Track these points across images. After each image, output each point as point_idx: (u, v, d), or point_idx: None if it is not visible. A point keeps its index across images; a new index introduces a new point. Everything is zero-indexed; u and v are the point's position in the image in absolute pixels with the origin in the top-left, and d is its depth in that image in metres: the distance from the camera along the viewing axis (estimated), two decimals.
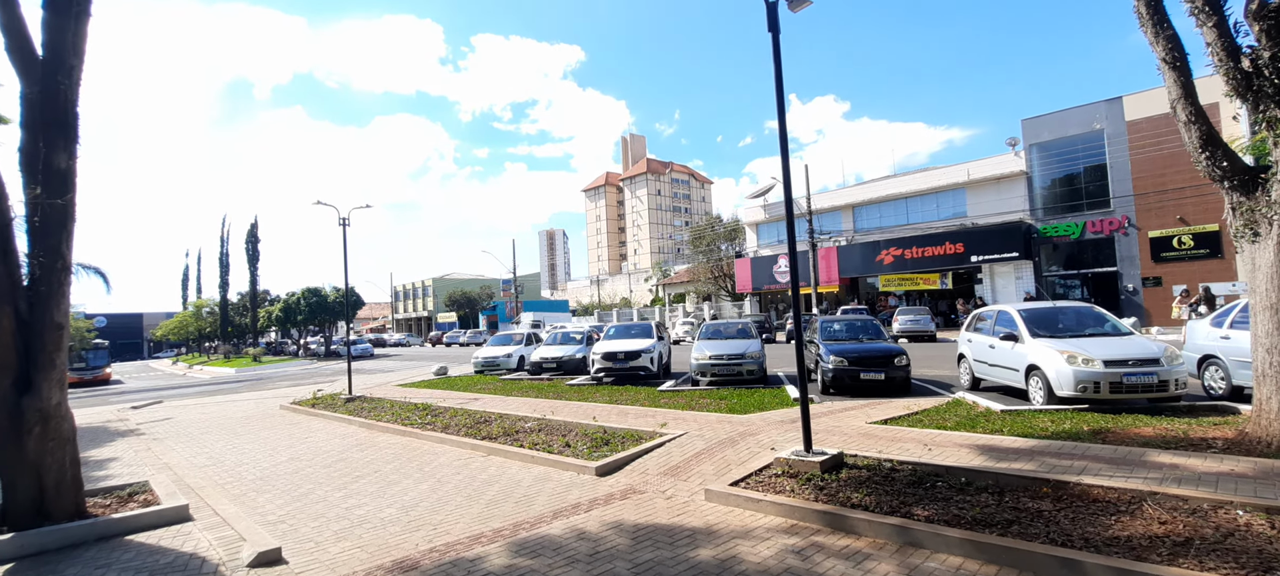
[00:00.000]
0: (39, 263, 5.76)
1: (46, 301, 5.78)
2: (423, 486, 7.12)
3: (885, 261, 33.31)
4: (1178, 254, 25.70)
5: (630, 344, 15.91)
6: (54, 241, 5.80)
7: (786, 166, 6.67)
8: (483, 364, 20.88)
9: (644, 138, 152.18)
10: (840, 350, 11.81)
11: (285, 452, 9.92)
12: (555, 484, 6.83)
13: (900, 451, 6.77)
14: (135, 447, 11.36)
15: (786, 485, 5.87)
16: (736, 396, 11.70)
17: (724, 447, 7.57)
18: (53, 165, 5.77)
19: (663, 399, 12.00)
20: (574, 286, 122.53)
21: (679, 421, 9.39)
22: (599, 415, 10.45)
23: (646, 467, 7.10)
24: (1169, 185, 25.71)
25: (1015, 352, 9.76)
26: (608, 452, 7.70)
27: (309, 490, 7.25)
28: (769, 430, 8.32)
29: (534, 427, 9.76)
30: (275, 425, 13.35)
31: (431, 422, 11.16)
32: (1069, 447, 6.48)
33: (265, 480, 7.98)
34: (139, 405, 20.48)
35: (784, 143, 6.60)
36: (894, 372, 11.30)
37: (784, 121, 6.58)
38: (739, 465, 6.82)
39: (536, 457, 7.88)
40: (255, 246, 57.03)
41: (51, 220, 5.77)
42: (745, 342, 14.15)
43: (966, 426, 7.96)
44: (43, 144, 5.76)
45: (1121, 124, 26.76)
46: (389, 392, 17.44)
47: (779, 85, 6.60)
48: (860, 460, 6.42)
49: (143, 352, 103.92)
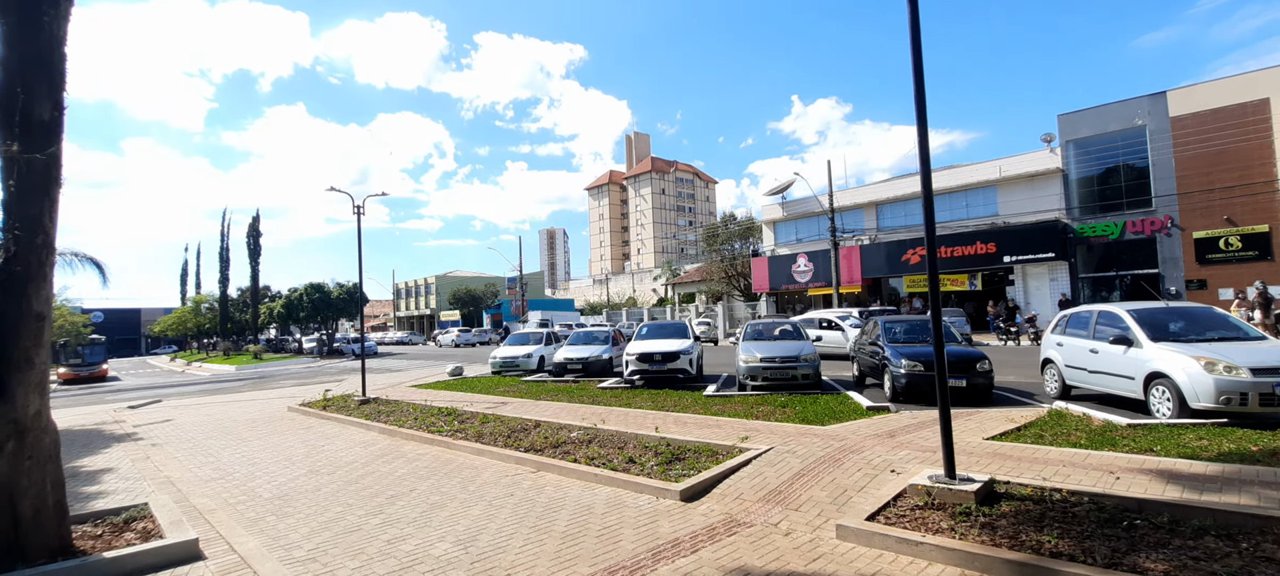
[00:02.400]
0: (14, 237, 4.61)
1: (23, 286, 4.64)
2: (473, 510, 5.98)
3: (911, 261, 32.13)
4: (1225, 255, 24.60)
5: (667, 344, 14.77)
6: (33, 210, 4.66)
7: (924, 133, 5.54)
8: (501, 364, 19.74)
9: (648, 136, 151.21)
10: (913, 354, 10.69)
11: (302, 464, 8.78)
12: (634, 511, 5.69)
13: (1055, 476, 5.64)
14: (133, 455, 10.21)
15: (940, 521, 4.74)
16: (799, 403, 10.57)
17: (825, 467, 6.43)
18: (33, 115, 4.63)
19: (715, 405, 10.87)
20: (576, 285, 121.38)
21: (752, 432, 8.26)
22: (657, 424, 9.32)
23: (740, 491, 5.97)
24: (1216, 184, 24.61)
25: (1130, 358, 8.63)
26: (685, 471, 6.57)
27: (338, 514, 6.11)
28: (870, 446, 7.18)
29: (582, 438, 8.64)
30: (286, 430, 12.22)
31: (461, 430, 10.03)
32: (1266, 474, 5.36)
33: (284, 499, 6.85)
34: (137, 404, 19.33)
35: (921, 99, 5.47)
36: (976, 379, 10.18)
37: (921, 81, 5.45)
38: (857, 491, 5.69)
39: (600, 476, 6.74)
40: (257, 241, 55.78)
41: (31, 184, 4.63)
42: (798, 344, 13.02)
43: (1100, 444, 6.84)
44: (21, 89, 4.62)
45: (1165, 120, 25.65)
46: (404, 394, 16.31)
47: (916, 41, 5.47)
48: (1015, 488, 5.28)
49: (140, 348, 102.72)
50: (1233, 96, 24.59)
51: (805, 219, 39.59)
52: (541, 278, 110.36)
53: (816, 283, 36.23)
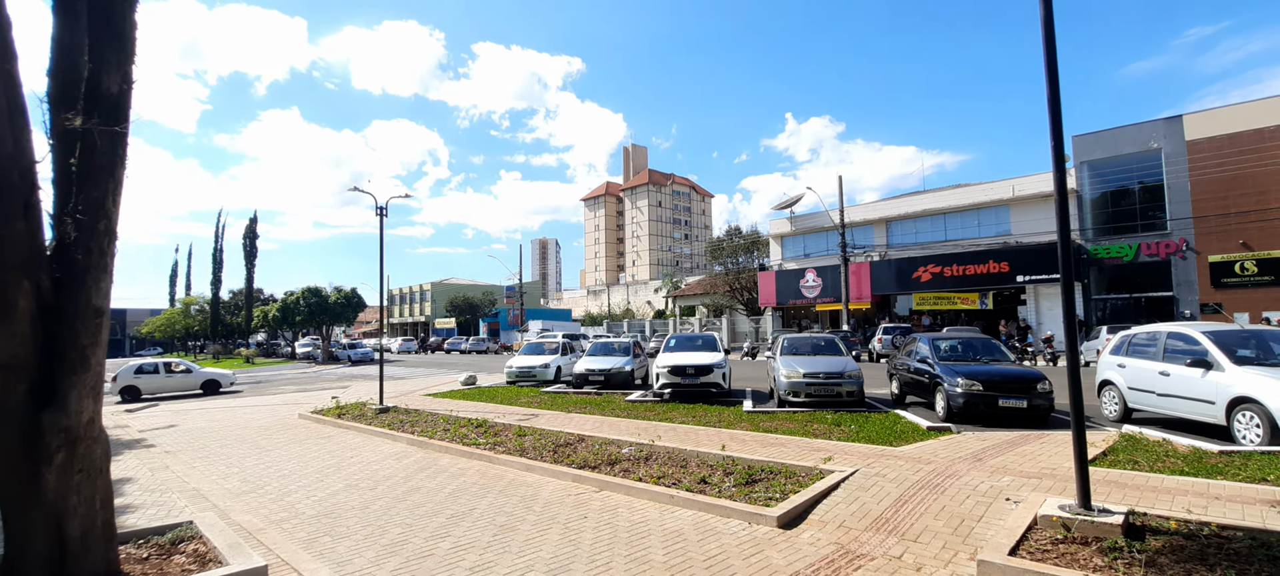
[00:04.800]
0: (74, 221, 4.11)
1: (82, 277, 4.13)
2: (550, 535, 5.49)
3: (923, 279, 31.94)
4: (1240, 280, 24.58)
5: (699, 358, 14.32)
6: (97, 194, 4.16)
7: (1058, 141, 5.17)
8: (517, 374, 19.18)
9: (645, 149, 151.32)
10: (970, 372, 10.31)
11: (337, 476, 8.23)
12: (732, 539, 5.22)
13: (1184, 507, 5.24)
14: (149, 463, 9.61)
15: (1092, 558, 4.31)
16: (852, 421, 10.15)
17: (927, 493, 6.00)
18: (101, 87, 4.15)
19: (763, 422, 10.42)
20: (570, 296, 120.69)
21: (819, 451, 7.81)
22: (718, 442, 8.85)
23: (841, 518, 5.52)
24: (1232, 208, 24.63)
25: (1208, 382, 8.30)
26: (770, 495, 6.11)
27: (401, 536, 5.59)
28: (963, 470, 6.76)
29: (637, 455, 8.16)
30: (303, 438, 11.63)
31: (500, 443, 9.52)
32: None
33: (331, 517, 6.31)
34: (134, 408, 18.60)
35: (1055, 104, 5.11)
36: (1037, 400, 9.81)
37: (1055, 81, 5.09)
38: (977, 521, 5.26)
39: (677, 497, 6.27)
40: (253, 243, 54.89)
41: (96, 163, 4.14)
42: (841, 360, 12.62)
43: (1204, 471, 6.46)
44: (89, 57, 4.14)
45: (1181, 144, 25.70)
46: (421, 403, 15.75)
47: (1049, 39, 5.12)
48: (1153, 520, 4.87)
49: (125, 350, 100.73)
50: (1250, 122, 24.69)
51: (813, 234, 39.41)
52: (536, 288, 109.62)
53: (825, 298, 35.97)
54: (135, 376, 22.68)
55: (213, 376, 24.45)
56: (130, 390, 22.31)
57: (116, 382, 22.01)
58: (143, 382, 22.71)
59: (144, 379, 22.82)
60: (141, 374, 22.93)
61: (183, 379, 23.76)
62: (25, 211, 4.03)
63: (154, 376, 23.11)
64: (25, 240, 4.00)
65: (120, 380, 22.21)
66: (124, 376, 22.46)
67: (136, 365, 23.54)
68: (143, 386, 22.67)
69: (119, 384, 22.12)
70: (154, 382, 23.00)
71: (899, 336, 25.87)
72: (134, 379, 22.56)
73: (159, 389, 23.15)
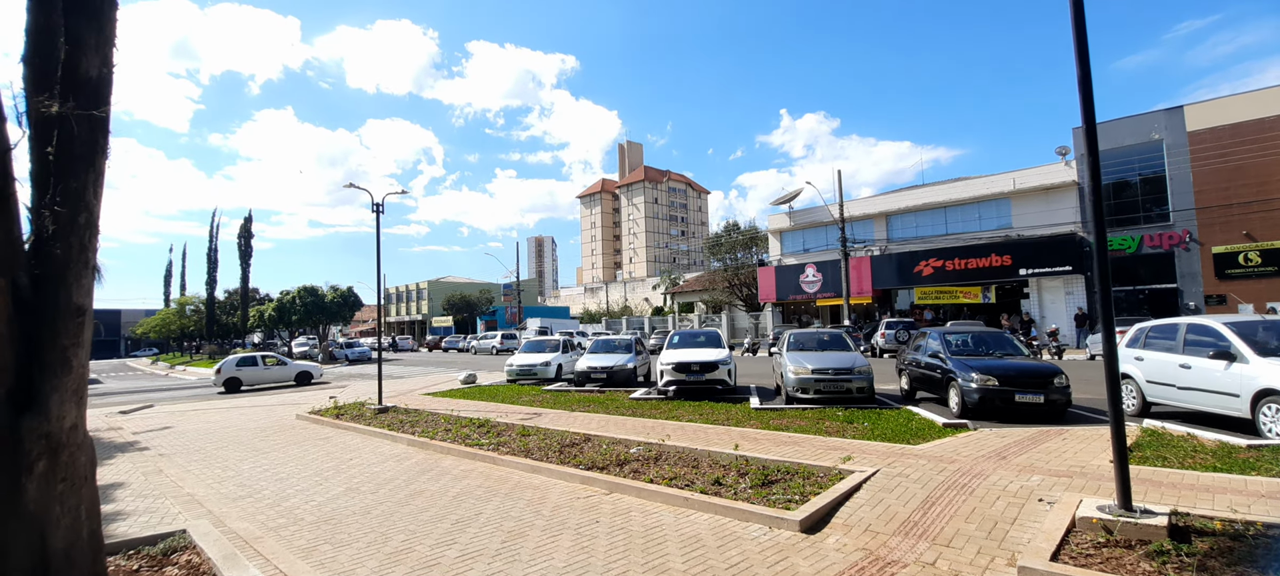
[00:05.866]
0: (53, 214, 3.83)
1: (62, 274, 3.85)
2: (561, 541, 5.24)
3: (924, 273, 31.73)
4: (1244, 271, 24.43)
5: (703, 354, 14.07)
6: (76, 183, 3.88)
7: (1092, 127, 4.92)
8: (518, 372, 18.91)
9: (641, 146, 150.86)
10: (984, 367, 10.09)
11: (336, 479, 7.96)
12: (753, 545, 4.98)
13: (1224, 505, 5.01)
14: (141, 467, 9.32)
15: (1139, 563, 4.09)
16: (865, 418, 9.93)
17: (954, 494, 5.76)
18: (77, 69, 3.86)
19: (773, 420, 10.19)
20: (567, 293, 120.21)
21: (834, 450, 7.58)
22: (730, 441, 8.61)
23: (867, 521, 5.28)
24: (1235, 199, 24.47)
25: (1231, 374, 8.08)
26: (788, 497, 5.87)
27: (405, 544, 5.33)
28: (987, 469, 6.53)
29: (646, 455, 7.92)
30: (301, 439, 11.36)
31: (503, 443, 9.26)
32: None
33: (331, 522, 6.05)
34: (128, 410, 18.27)
35: (1087, 93, 4.86)
36: (1054, 395, 9.59)
37: (1086, 65, 4.84)
38: (1010, 523, 5.03)
39: (692, 500, 6.02)
40: (248, 242, 54.30)
41: (75, 152, 3.86)
42: (849, 355, 12.38)
43: (1235, 467, 6.24)
44: (64, 39, 3.85)
45: (1182, 134, 25.52)
46: (420, 402, 15.47)
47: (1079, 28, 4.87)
48: (1196, 521, 4.65)
49: (120, 350, 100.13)
50: (1251, 112, 24.53)
51: (813, 229, 39.18)
52: (533, 285, 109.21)
53: (825, 293, 35.77)
54: (237, 369, 24.31)
55: (305, 369, 25.86)
56: (232, 382, 23.83)
57: (221, 375, 23.85)
58: (243, 374, 24.23)
59: (245, 371, 24.40)
60: (242, 366, 24.56)
61: (278, 371, 25.18)
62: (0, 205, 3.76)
63: (253, 369, 24.59)
64: (1, 236, 3.73)
65: (224, 371, 24.01)
66: (227, 369, 24.20)
67: (238, 358, 25.08)
68: (244, 377, 24.17)
69: (223, 376, 23.83)
70: (253, 374, 24.44)
71: (903, 331, 25.67)
72: (236, 371, 24.20)
73: (258, 381, 24.48)
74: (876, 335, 27.31)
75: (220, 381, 23.74)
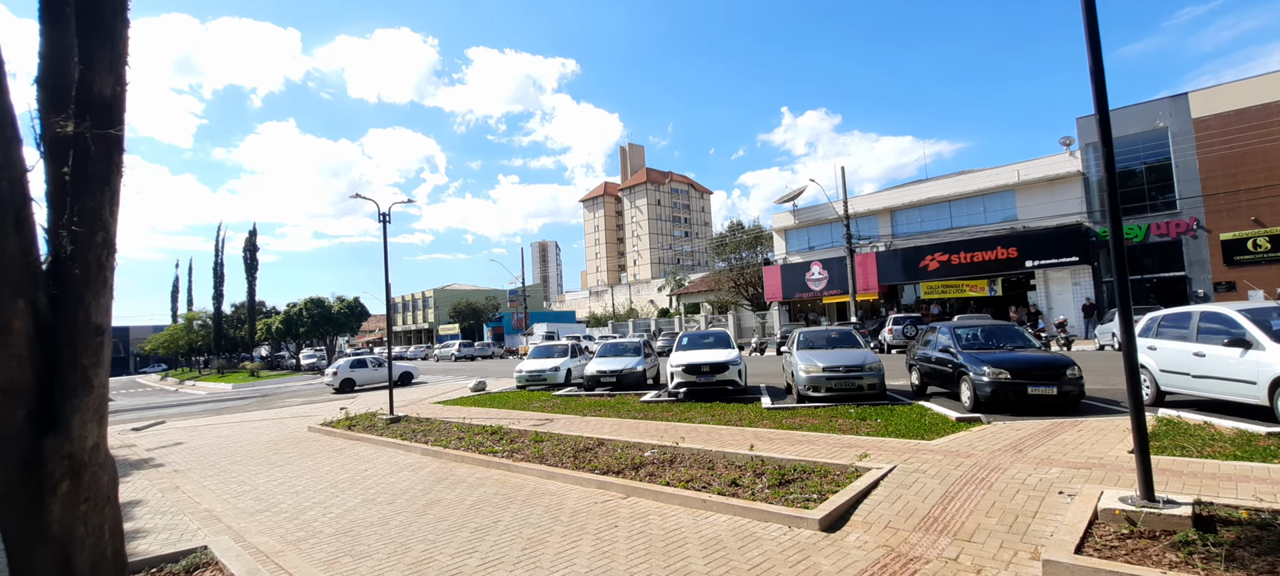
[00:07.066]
0: (70, 234, 3.84)
1: (81, 293, 3.85)
2: (582, 546, 5.23)
3: (930, 267, 31.64)
4: (1254, 256, 24.27)
5: (713, 355, 14.06)
6: (93, 203, 3.87)
7: (1105, 118, 4.90)
8: (527, 378, 18.93)
9: (642, 148, 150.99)
10: (996, 361, 10.04)
11: (352, 491, 7.98)
12: (774, 545, 4.96)
13: (1248, 494, 4.97)
14: (158, 483, 9.36)
15: (1164, 553, 4.05)
16: (878, 415, 9.89)
17: (973, 489, 5.73)
18: (92, 88, 3.87)
19: (786, 419, 10.16)
20: (572, 297, 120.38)
21: (849, 447, 7.55)
22: (745, 441, 8.59)
23: (886, 519, 5.26)
24: (1242, 185, 24.33)
25: (1248, 362, 8.02)
26: (805, 496, 5.85)
27: (426, 554, 5.34)
28: (1005, 462, 6.49)
29: (661, 458, 7.90)
30: (315, 451, 11.38)
31: (517, 450, 9.27)
32: None
33: (350, 535, 6.06)
34: (140, 426, 18.36)
35: (1100, 84, 4.84)
36: (1067, 386, 9.53)
37: (1098, 53, 4.83)
38: (1032, 516, 5.00)
39: (709, 502, 6.01)
40: (253, 255, 54.64)
41: (90, 170, 3.87)
42: (859, 352, 12.34)
43: (1258, 455, 6.20)
44: (78, 59, 3.87)
45: (1187, 122, 25.40)
46: (431, 411, 15.50)
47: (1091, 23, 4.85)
48: (1219, 510, 4.61)
49: (129, 367, 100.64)
50: (1256, 97, 24.39)
51: (818, 226, 39.12)
52: (538, 291, 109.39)
53: (831, 291, 35.70)
54: (351, 370, 26.43)
55: (407, 369, 27.74)
56: (347, 382, 25.84)
57: (336, 376, 25.84)
58: (357, 375, 26.33)
59: (357, 371, 26.55)
60: (355, 367, 26.69)
61: (384, 371, 26.32)
62: (17, 226, 3.74)
63: (364, 370, 26.73)
64: (19, 256, 3.72)
65: (340, 373, 26.00)
66: (342, 370, 26.26)
67: (351, 359, 27.41)
68: (357, 378, 26.27)
69: (339, 377, 25.79)
70: (365, 375, 26.56)
71: (910, 326, 25.56)
72: (350, 372, 26.31)
73: (369, 381, 26.50)
74: (884, 331, 27.24)
75: (336, 382, 25.44)
